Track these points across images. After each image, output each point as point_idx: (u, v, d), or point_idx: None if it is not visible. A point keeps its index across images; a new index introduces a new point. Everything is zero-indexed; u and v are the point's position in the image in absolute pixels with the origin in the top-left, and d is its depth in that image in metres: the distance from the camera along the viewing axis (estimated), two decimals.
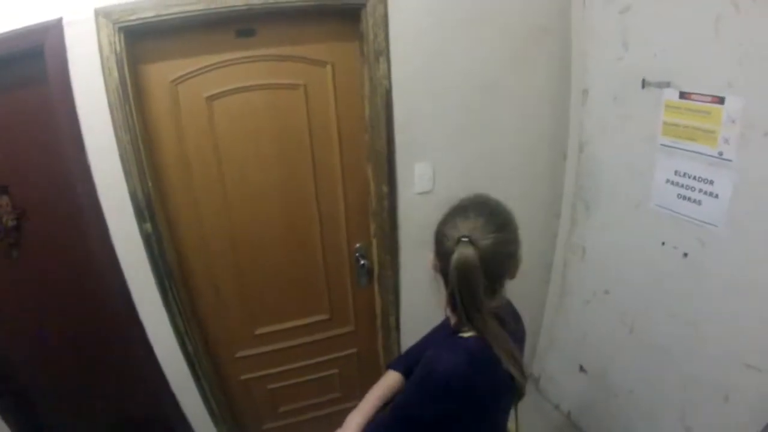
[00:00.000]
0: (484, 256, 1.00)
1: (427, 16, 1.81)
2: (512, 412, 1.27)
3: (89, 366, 1.97)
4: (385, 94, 1.83)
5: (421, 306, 1.31)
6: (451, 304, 1.08)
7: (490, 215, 1.06)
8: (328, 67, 1.83)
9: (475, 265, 0.99)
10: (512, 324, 1.15)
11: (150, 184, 1.68)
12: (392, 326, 2.21)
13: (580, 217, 2.24)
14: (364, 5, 1.71)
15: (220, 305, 2.02)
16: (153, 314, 1.83)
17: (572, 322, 2.41)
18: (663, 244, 1.87)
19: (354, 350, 2.32)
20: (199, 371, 1.98)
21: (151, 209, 1.69)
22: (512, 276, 1.13)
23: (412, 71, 1.86)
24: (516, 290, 2.48)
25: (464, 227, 1.03)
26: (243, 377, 2.20)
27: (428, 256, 1.14)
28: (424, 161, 2.01)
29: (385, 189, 1.97)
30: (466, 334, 1.08)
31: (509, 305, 1.25)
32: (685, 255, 1.80)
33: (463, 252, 1.00)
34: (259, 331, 2.12)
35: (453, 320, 1.15)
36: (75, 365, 1.97)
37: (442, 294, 1.11)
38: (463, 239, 1.00)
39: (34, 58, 1.46)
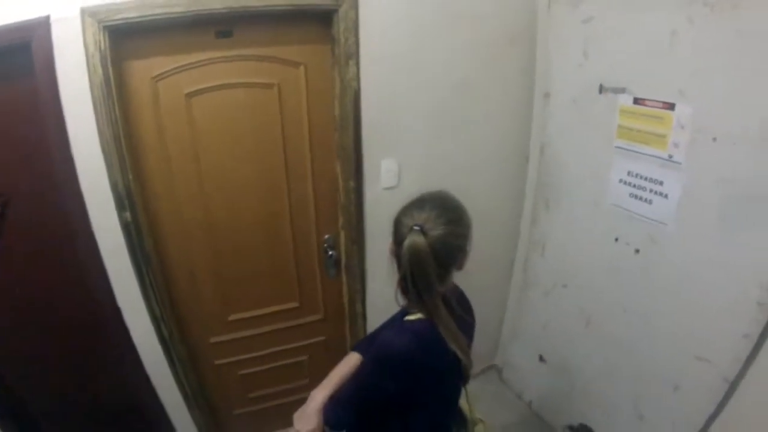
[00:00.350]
0: (434, 245, 1.10)
1: (398, 22, 1.92)
2: (464, 392, 1.38)
3: (68, 350, 2.01)
4: (353, 95, 1.93)
5: (386, 295, 1.39)
6: (402, 287, 1.18)
7: (444, 209, 1.15)
8: (302, 68, 1.92)
9: (425, 251, 1.09)
10: (460, 311, 1.23)
11: (130, 175, 1.75)
12: (359, 314, 2.32)
13: (541, 214, 2.35)
14: (336, 10, 1.80)
15: (196, 291, 2.10)
16: (130, 300, 1.90)
17: (533, 314, 2.53)
18: (617, 240, 1.99)
19: (323, 338, 2.41)
20: (174, 355, 2.05)
21: (130, 199, 1.76)
22: (460, 267, 1.22)
23: (381, 74, 1.96)
24: (480, 283, 2.61)
25: (418, 217, 1.12)
26: (216, 362, 2.27)
27: (388, 241, 1.23)
28: (390, 158, 2.11)
29: (352, 184, 2.07)
30: (413, 317, 1.18)
31: (462, 296, 1.36)
32: (637, 251, 1.92)
33: (414, 239, 1.09)
34: (232, 318, 2.20)
35: (403, 302, 1.24)
36: (54, 349, 2.01)
37: (395, 278, 1.20)
38: (416, 228, 1.10)
39: (21, 53, 1.52)
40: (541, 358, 2.49)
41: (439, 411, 1.32)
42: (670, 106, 1.70)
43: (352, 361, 1.39)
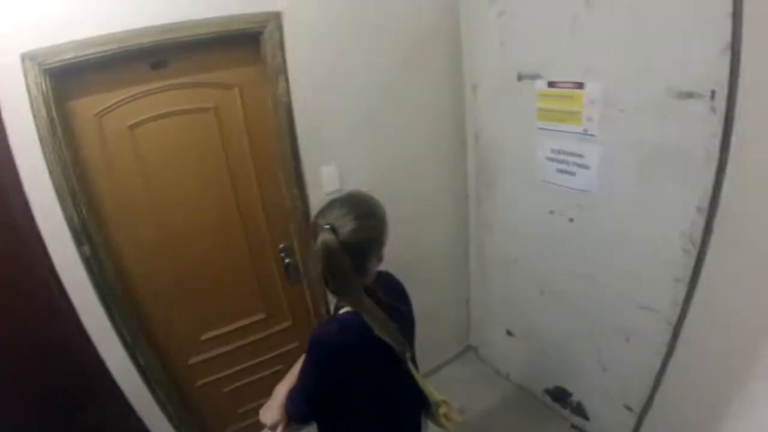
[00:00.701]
0: (345, 240, 1.18)
1: (320, 36, 2.05)
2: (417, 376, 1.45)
3: (49, 384, 2.00)
4: (286, 108, 2.05)
5: None
6: (326, 285, 1.26)
7: (353, 206, 1.24)
8: (236, 89, 2.03)
9: (336, 247, 1.17)
10: (389, 300, 1.31)
11: (84, 210, 1.80)
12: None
13: (485, 197, 2.52)
14: (261, 32, 1.92)
15: (164, 314, 2.15)
16: (101, 330, 1.94)
17: (494, 292, 2.69)
18: (551, 212, 2.17)
19: (296, 344, 2.49)
20: (153, 382, 2.10)
21: (87, 232, 1.82)
22: (380, 258, 1.30)
23: (310, 86, 2.08)
24: (441, 269, 2.73)
25: (329, 216, 1.22)
26: (199, 383, 2.33)
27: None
28: (329, 164, 2.23)
29: (296, 191, 2.18)
30: (342, 311, 1.28)
31: (395, 285, 1.45)
32: (571, 220, 2.10)
33: (324, 237, 1.18)
34: (204, 337, 2.27)
35: (332, 298, 1.34)
36: (34, 400, 1.98)
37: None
38: (326, 226, 1.19)
39: None
40: (509, 332, 2.65)
41: (388, 396, 1.38)
42: (580, 86, 1.88)
43: None
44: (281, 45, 1.97)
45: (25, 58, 1.59)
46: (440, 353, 2.95)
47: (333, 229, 1.18)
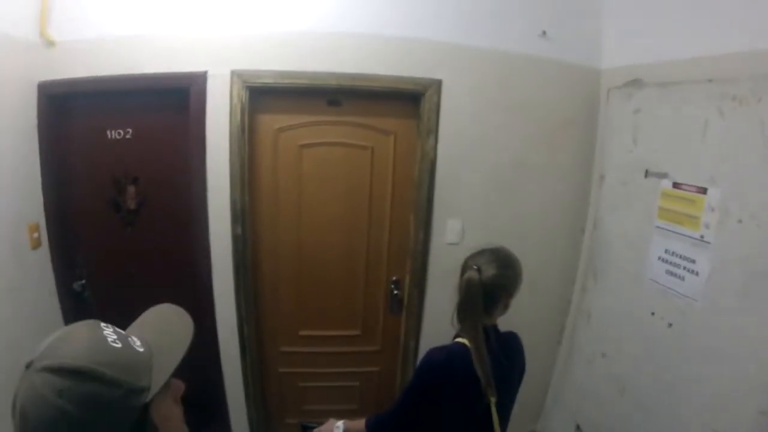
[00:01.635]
0: (485, 281, 1.45)
1: (472, 104, 2.35)
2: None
3: None
4: (430, 163, 2.36)
5: (440, 335, 1.66)
6: (457, 313, 1.51)
7: (498, 257, 1.52)
8: (392, 136, 2.41)
9: (476, 285, 1.44)
10: (498, 350, 1.48)
11: (247, 198, 2.29)
12: (411, 349, 2.56)
13: (590, 284, 2.51)
14: (423, 94, 2.29)
15: (276, 304, 2.52)
16: (224, 296, 2.37)
17: (575, 382, 2.60)
18: (653, 314, 2.11)
19: (377, 369, 2.68)
20: (247, 354, 2.45)
21: (244, 216, 2.29)
22: (506, 306, 1.53)
23: (455, 147, 2.37)
24: (532, 345, 2.74)
25: (478, 261, 1.49)
26: (281, 370, 2.64)
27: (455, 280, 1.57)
28: (455, 218, 2.46)
29: (421, 235, 2.44)
30: (459, 339, 1.50)
31: (512, 342, 1.63)
32: (670, 325, 2.02)
33: (470, 275, 1.46)
34: (302, 333, 2.58)
35: (455, 326, 1.55)
36: None
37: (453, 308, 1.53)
38: (474, 267, 1.47)
39: (180, 94, 2.17)
40: (578, 427, 2.52)
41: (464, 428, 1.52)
42: (703, 190, 1.89)
43: None
44: (437, 108, 2.31)
45: (234, 74, 2.15)
46: None
47: (479, 270, 1.46)
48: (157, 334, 0.82)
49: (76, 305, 2.40)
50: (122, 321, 0.84)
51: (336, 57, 2.21)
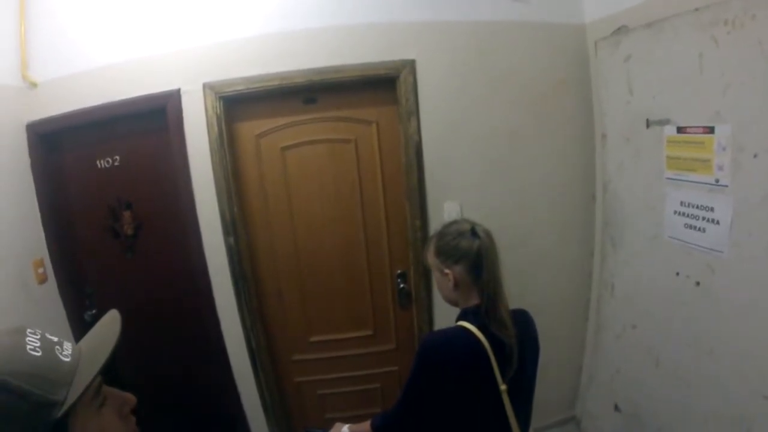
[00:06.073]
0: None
1: (451, 82, 2.25)
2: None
3: (175, 342, 2.47)
4: (415, 146, 2.26)
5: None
6: (479, 294, 1.35)
7: (473, 224, 1.39)
8: (374, 125, 2.33)
9: (493, 246, 1.35)
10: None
11: (235, 208, 2.26)
12: None
13: (609, 253, 2.31)
14: (397, 76, 2.20)
15: (283, 311, 2.47)
16: (227, 310, 2.34)
17: (607, 359, 2.39)
18: (677, 274, 1.91)
19: (395, 368, 2.57)
20: (259, 366, 2.41)
21: (234, 227, 2.26)
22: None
23: (439, 126, 2.27)
24: (557, 327, 2.55)
25: (464, 227, 1.38)
26: (297, 379, 2.57)
27: (443, 281, 1.40)
28: (452, 200, 2.34)
29: (418, 223, 2.33)
30: (462, 323, 1.35)
31: (523, 316, 1.46)
32: (698, 284, 1.82)
33: (483, 238, 1.34)
34: (313, 339, 2.52)
35: (461, 303, 1.42)
36: (164, 350, 2.46)
37: (462, 294, 1.39)
38: (473, 230, 1.36)
39: (157, 114, 2.19)
40: (616, 407, 2.29)
41: (474, 421, 1.37)
42: (710, 130, 1.69)
43: None
44: (414, 89, 2.22)
45: (206, 86, 2.15)
46: (540, 417, 2.59)
47: (477, 233, 1.36)
48: (91, 342, 0.78)
49: None
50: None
51: (305, 54, 2.17)
